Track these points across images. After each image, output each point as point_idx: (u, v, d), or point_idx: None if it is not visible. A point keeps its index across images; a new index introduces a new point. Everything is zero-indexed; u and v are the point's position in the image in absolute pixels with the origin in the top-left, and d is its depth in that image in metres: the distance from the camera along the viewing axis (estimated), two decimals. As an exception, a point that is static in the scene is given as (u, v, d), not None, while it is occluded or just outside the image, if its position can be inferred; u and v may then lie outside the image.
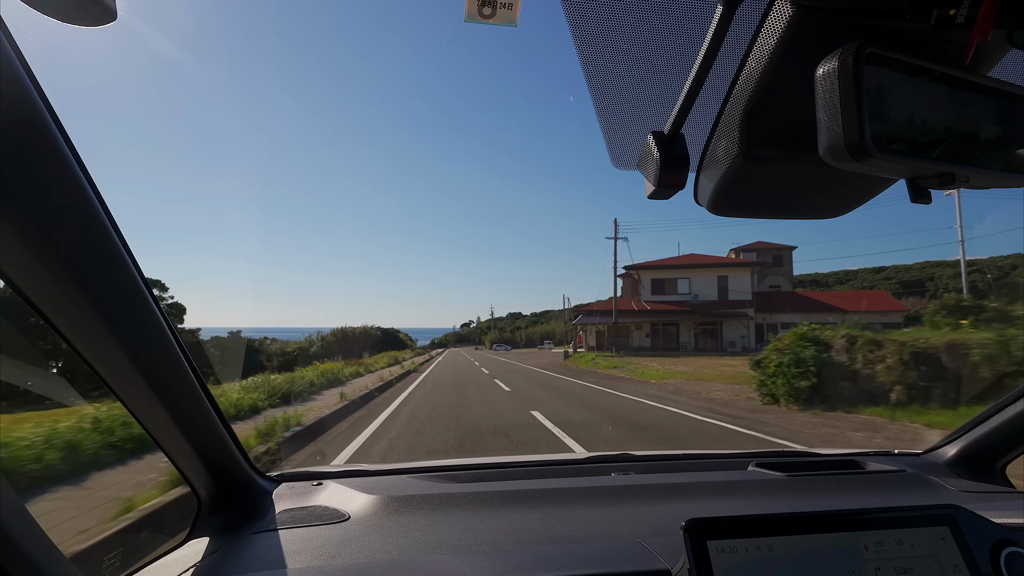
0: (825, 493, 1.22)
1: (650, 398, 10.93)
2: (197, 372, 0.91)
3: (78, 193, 0.65)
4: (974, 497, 1.18)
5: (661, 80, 0.60)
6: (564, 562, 0.84)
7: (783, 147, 0.56)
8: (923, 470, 1.35)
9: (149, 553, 0.98)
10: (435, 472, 1.36)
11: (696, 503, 1.15)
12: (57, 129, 0.61)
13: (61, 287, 0.66)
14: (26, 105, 0.57)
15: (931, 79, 0.44)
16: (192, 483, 1.05)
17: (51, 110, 0.60)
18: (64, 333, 0.72)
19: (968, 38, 0.43)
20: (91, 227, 0.68)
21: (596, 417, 8.40)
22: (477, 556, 0.88)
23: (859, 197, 0.65)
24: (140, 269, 0.76)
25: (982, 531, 0.78)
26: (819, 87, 0.44)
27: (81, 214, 0.66)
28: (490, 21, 0.61)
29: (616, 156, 0.68)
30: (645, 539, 0.91)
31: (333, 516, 1.06)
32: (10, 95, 0.55)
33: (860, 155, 0.42)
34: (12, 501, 0.54)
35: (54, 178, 0.61)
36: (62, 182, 0.63)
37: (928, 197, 0.48)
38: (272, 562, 0.88)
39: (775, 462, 1.38)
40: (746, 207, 0.66)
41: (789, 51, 0.49)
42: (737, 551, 0.70)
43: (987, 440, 1.31)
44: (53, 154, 0.61)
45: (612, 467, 1.41)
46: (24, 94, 0.56)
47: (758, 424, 7.55)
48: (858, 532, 0.74)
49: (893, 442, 6.25)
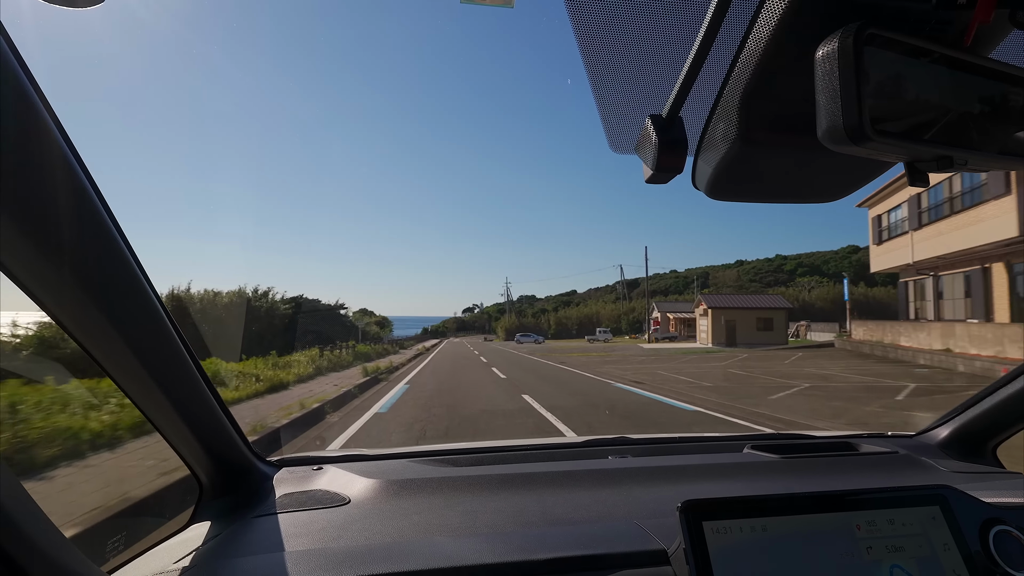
0: (819, 474, 1.24)
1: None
2: (195, 358, 0.91)
3: (71, 179, 0.64)
4: (965, 477, 1.20)
5: (659, 63, 0.60)
6: (562, 543, 0.86)
7: (782, 130, 0.55)
8: (916, 451, 1.36)
9: (152, 537, 0.99)
10: (434, 456, 1.37)
11: (692, 485, 1.16)
12: (48, 114, 0.60)
13: (59, 275, 0.66)
14: (17, 92, 0.56)
15: (931, 61, 0.44)
16: (193, 468, 1.06)
17: (42, 96, 0.59)
18: (62, 320, 0.71)
19: (969, 19, 0.43)
20: (87, 213, 0.67)
21: None
22: (476, 538, 0.89)
23: (858, 180, 0.65)
24: (136, 255, 0.75)
25: (972, 510, 0.79)
26: (818, 69, 0.43)
27: (76, 200, 0.65)
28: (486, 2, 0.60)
29: (614, 140, 0.67)
30: (642, 520, 0.93)
31: (334, 500, 1.07)
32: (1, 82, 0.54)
33: (859, 138, 0.41)
34: (13, 485, 0.54)
35: (47, 164, 0.61)
36: (55, 169, 0.62)
37: (926, 180, 0.48)
38: (273, 545, 0.89)
39: (770, 444, 1.40)
40: (744, 191, 0.66)
41: (788, 33, 0.48)
42: (732, 531, 0.71)
43: (979, 422, 1.33)
44: (45, 140, 0.60)
45: (609, 450, 1.43)
46: (15, 80, 0.56)
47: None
48: (851, 512, 0.75)
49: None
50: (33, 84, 0.58)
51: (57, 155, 0.62)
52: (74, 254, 0.66)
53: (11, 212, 0.58)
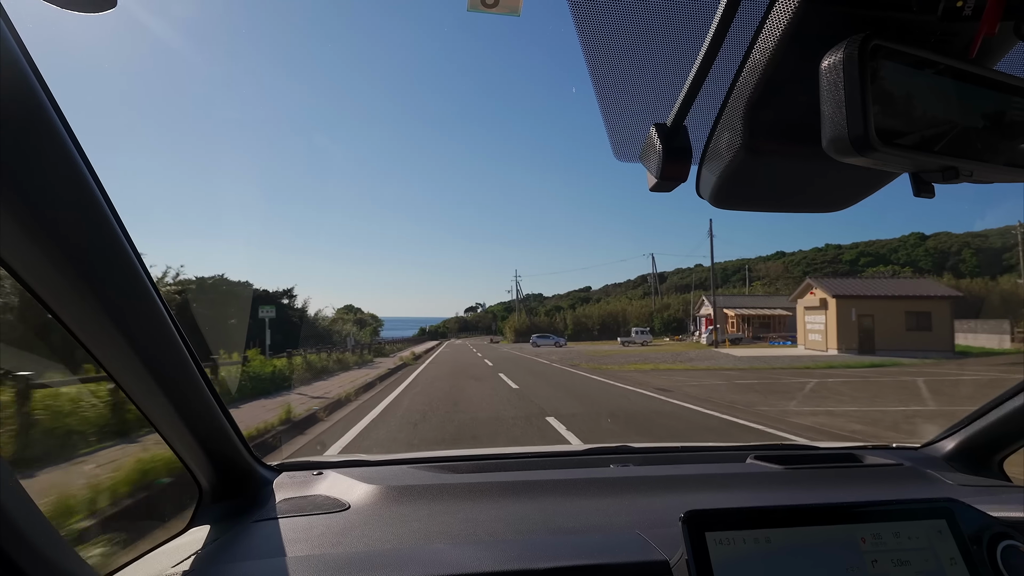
0: (823, 486, 1.23)
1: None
2: (197, 361, 0.91)
3: (78, 180, 0.65)
4: (972, 491, 1.19)
5: (664, 72, 0.60)
6: (563, 552, 0.85)
7: (786, 140, 0.56)
8: (921, 464, 1.35)
9: (151, 540, 0.98)
10: (435, 463, 1.36)
11: (694, 495, 1.15)
12: (57, 116, 0.60)
13: (61, 274, 0.66)
14: (26, 92, 0.57)
15: (937, 72, 0.44)
16: (193, 472, 1.06)
17: (51, 97, 0.60)
18: (64, 321, 0.72)
19: (975, 30, 0.43)
20: (91, 213, 0.68)
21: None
22: (476, 546, 0.89)
23: (862, 191, 0.65)
24: (139, 254, 0.76)
25: (979, 524, 0.79)
26: (824, 79, 0.43)
27: (81, 201, 0.66)
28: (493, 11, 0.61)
29: (618, 148, 0.67)
30: (644, 530, 0.92)
31: (334, 505, 1.07)
32: (10, 82, 0.54)
33: (864, 149, 0.41)
34: (14, 488, 0.54)
35: (53, 165, 0.61)
36: (62, 169, 0.62)
37: (931, 191, 0.48)
38: (273, 550, 0.88)
39: (773, 455, 1.38)
40: (748, 200, 0.66)
41: (794, 43, 0.48)
42: (735, 542, 0.70)
43: (985, 434, 1.31)
44: (52, 141, 0.60)
45: (611, 459, 1.42)
46: (24, 81, 0.56)
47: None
48: (855, 524, 0.74)
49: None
50: (43, 85, 0.59)
51: (64, 157, 0.62)
52: (79, 255, 0.67)
53: (16, 213, 0.58)
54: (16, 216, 0.58)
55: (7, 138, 0.55)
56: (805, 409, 9.15)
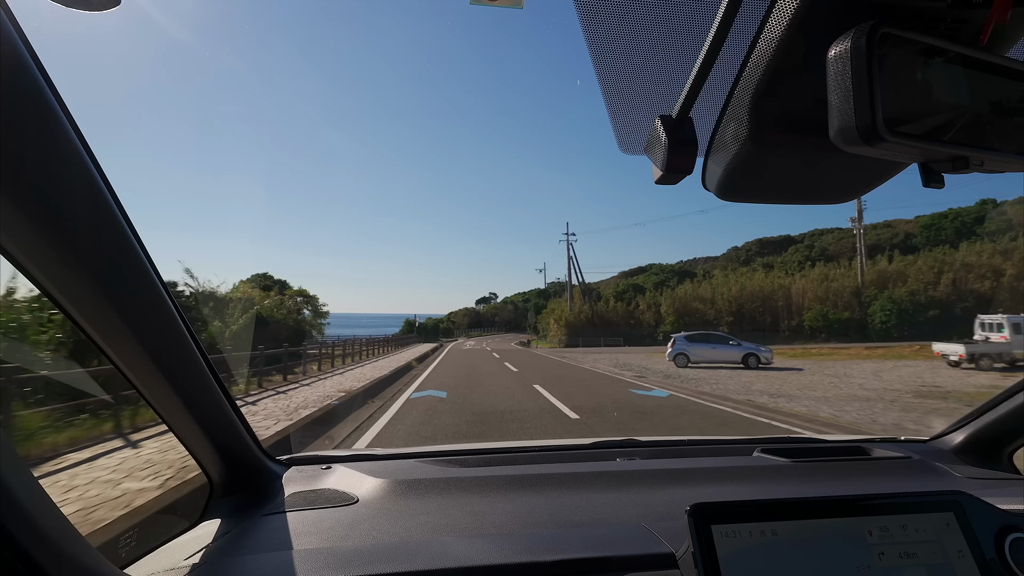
0: (830, 479, 1.23)
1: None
2: (207, 357, 0.92)
3: (87, 180, 0.65)
4: (980, 484, 1.18)
5: (669, 63, 0.59)
6: (570, 545, 0.85)
7: (793, 131, 0.55)
8: (929, 456, 1.34)
9: (163, 533, 1.00)
10: (443, 456, 1.37)
11: (701, 488, 1.15)
12: (64, 115, 0.61)
13: (72, 272, 0.67)
14: (32, 91, 0.57)
15: (946, 60, 0.43)
16: (204, 467, 1.07)
17: (56, 94, 0.60)
18: (78, 322, 0.72)
19: (986, 17, 0.42)
20: (101, 215, 0.68)
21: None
22: (484, 539, 0.89)
23: (870, 182, 0.64)
24: (149, 254, 0.76)
25: (987, 517, 0.78)
26: (831, 68, 0.43)
27: (91, 201, 0.66)
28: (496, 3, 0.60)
29: (623, 141, 0.67)
30: (650, 523, 0.92)
31: (342, 499, 1.08)
32: (16, 80, 0.55)
33: (872, 139, 0.41)
34: (29, 482, 0.55)
35: (63, 166, 0.62)
36: (71, 170, 0.63)
37: (941, 181, 0.47)
38: (282, 543, 0.89)
39: (780, 448, 1.38)
40: (755, 192, 0.65)
41: (800, 32, 0.48)
42: (741, 535, 0.70)
43: (995, 427, 1.30)
44: (59, 138, 0.61)
45: (617, 452, 1.42)
46: (30, 78, 0.56)
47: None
48: (862, 517, 0.74)
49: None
50: (49, 84, 0.59)
51: (73, 155, 0.63)
52: (88, 252, 0.67)
53: (27, 212, 0.59)
54: (28, 217, 0.59)
55: (13, 135, 0.55)
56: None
